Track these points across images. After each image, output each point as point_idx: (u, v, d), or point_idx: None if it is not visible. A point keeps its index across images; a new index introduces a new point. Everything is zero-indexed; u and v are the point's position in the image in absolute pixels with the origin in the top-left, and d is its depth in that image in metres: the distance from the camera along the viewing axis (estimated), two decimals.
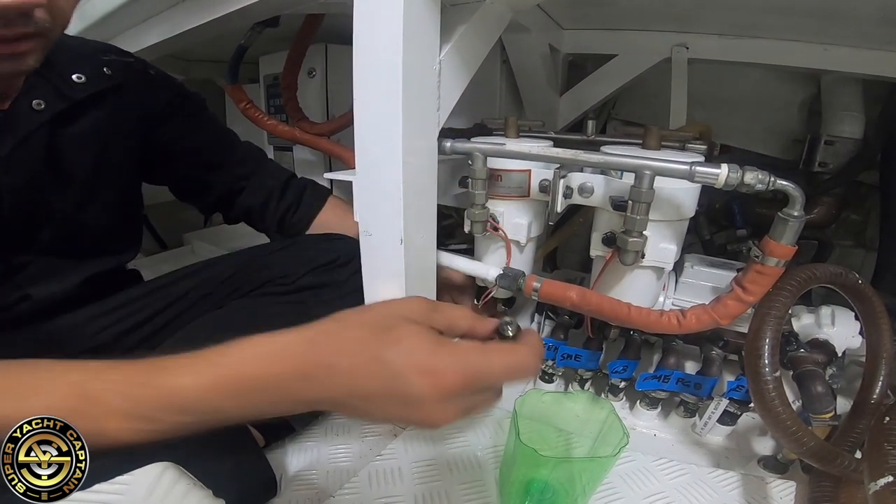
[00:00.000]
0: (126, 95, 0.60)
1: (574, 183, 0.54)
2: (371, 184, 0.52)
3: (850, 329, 0.61)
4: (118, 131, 0.60)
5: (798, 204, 0.42)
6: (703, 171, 0.42)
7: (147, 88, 0.63)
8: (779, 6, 0.68)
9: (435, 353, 0.30)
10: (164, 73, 0.67)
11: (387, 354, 0.30)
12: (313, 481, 0.57)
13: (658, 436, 0.64)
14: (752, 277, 0.47)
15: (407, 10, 0.44)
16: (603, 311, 0.54)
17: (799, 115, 1.01)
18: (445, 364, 0.30)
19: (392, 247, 0.53)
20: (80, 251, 0.60)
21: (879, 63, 0.75)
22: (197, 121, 0.70)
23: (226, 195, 0.73)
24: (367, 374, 0.30)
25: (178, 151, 0.68)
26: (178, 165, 0.69)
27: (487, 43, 0.59)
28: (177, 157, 0.69)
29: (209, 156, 0.70)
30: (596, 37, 0.92)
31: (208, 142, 0.71)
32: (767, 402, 0.45)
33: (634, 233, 0.48)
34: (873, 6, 0.61)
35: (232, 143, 0.73)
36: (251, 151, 0.75)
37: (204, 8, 0.71)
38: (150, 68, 0.65)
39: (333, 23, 0.81)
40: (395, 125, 0.47)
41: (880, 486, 0.36)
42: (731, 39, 0.83)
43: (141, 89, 0.62)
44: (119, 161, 0.62)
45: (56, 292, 0.58)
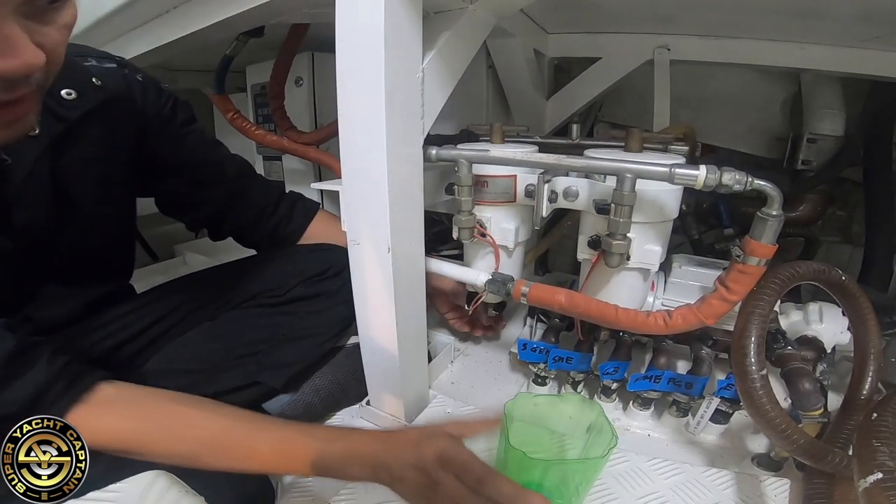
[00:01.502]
0: (118, 106, 0.57)
1: (559, 187, 0.55)
2: (357, 192, 0.53)
3: (838, 325, 0.61)
4: (115, 147, 0.58)
5: (776, 203, 0.43)
6: (682, 172, 0.43)
7: (138, 97, 0.60)
8: (757, 6, 0.69)
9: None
10: (153, 78, 0.63)
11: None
12: (309, 488, 0.56)
13: (652, 436, 0.64)
14: (735, 277, 0.48)
15: (388, 20, 0.44)
16: (591, 313, 0.54)
17: (781, 114, 1.02)
18: None
19: (380, 255, 0.53)
20: (84, 275, 0.59)
21: (856, 61, 0.76)
22: (187, 133, 0.66)
23: (216, 213, 0.70)
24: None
25: (168, 166, 0.65)
26: (168, 181, 0.66)
27: (471, 49, 0.60)
28: (167, 173, 0.66)
29: (200, 172, 0.67)
30: (580, 40, 0.94)
31: (199, 157, 0.67)
32: (755, 401, 0.45)
33: (618, 235, 0.48)
34: (851, 4, 0.62)
35: (222, 159, 0.71)
36: (242, 167, 0.73)
37: (187, 19, 0.71)
38: (138, 73, 0.61)
39: (319, 31, 0.82)
40: (380, 134, 0.48)
41: (870, 482, 0.36)
42: (712, 40, 0.84)
43: (132, 98, 0.59)
44: (119, 180, 0.60)
45: (59, 315, 0.57)
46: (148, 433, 0.43)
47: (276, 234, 0.73)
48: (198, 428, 0.44)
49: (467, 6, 0.55)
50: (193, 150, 0.67)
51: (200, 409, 0.45)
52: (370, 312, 0.59)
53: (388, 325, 0.57)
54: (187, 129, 0.66)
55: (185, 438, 0.43)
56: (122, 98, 0.58)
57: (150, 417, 0.44)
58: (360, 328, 0.61)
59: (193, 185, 0.68)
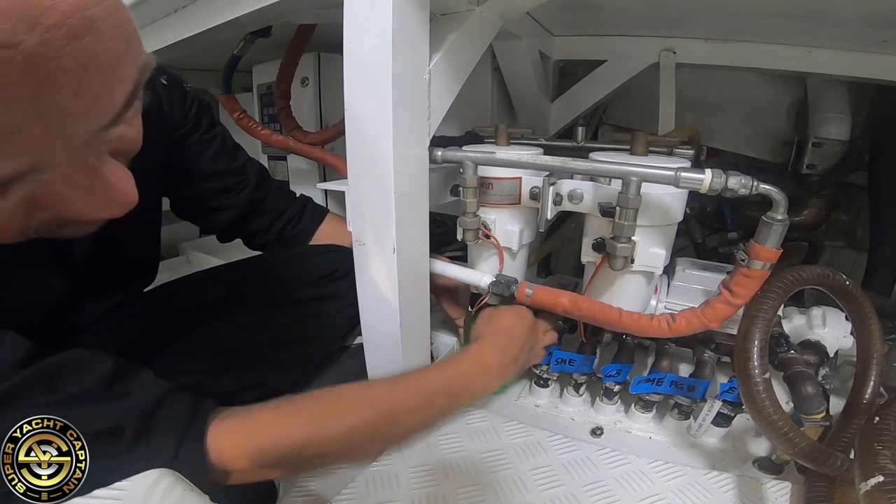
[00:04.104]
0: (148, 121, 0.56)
1: (564, 190, 0.55)
2: (363, 193, 0.53)
3: (841, 329, 0.61)
4: (152, 152, 0.54)
5: (781, 207, 0.43)
6: (687, 176, 0.43)
7: (165, 105, 0.58)
8: (763, 9, 0.69)
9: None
10: (177, 78, 0.61)
11: None
12: (311, 487, 0.57)
13: (653, 438, 0.64)
14: (739, 280, 0.48)
15: (396, 21, 0.44)
16: (594, 316, 0.55)
17: (786, 118, 1.02)
18: None
19: (385, 255, 0.53)
20: (112, 284, 0.59)
21: (863, 65, 0.76)
22: (211, 139, 0.65)
23: (235, 218, 0.69)
24: None
25: (191, 173, 0.64)
26: (190, 187, 0.65)
27: (477, 51, 0.60)
28: (189, 179, 0.64)
29: (223, 180, 0.66)
30: (585, 43, 0.94)
31: (223, 164, 0.66)
32: (758, 404, 0.46)
33: (623, 238, 0.48)
34: (858, 8, 0.62)
35: (244, 165, 0.69)
36: (261, 172, 0.72)
37: (195, 19, 0.71)
38: (162, 74, 0.59)
39: (326, 31, 0.82)
40: (386, 135, 0.48)
41: (871, 485, 0.37)
42: (718, 43, 0.84)
43: (160, 109, 0.57)
44: (154, 186, 0.58)
45: (80, 321, 0.57)
46: (316, 419, 0.42)
47: (285, 236, 0.73)
48: (360, 400, 0.45)
49: (474, 8, 0.56)
50: (217, 158, 0.66)
51: (335, 391, 0.46)
52: (374, 313, 0.59)
53: (392, 325, 0.57)
54: (211, 134, 0.65)
55: (358, 409, 0.44)
56: (151, 112, 0.56)
57: (299, 409, 0.43)
58: (364, 328, 0.61)
59: (215, 192, 0.67)
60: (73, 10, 0.24)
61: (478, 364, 0.53)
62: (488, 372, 0.53)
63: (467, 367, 0.52)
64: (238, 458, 0.39)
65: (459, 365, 0.53)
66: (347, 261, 0.59)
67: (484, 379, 0.53)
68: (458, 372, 0.52)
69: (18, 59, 0.23)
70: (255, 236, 0.73)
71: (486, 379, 0.53)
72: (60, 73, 0.25)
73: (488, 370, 0.53)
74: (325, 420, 0.43)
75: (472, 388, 0.52)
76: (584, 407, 0.68)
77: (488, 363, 0.53)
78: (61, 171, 0.28)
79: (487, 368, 0.53)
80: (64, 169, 0.28)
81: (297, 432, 0.42)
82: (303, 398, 0.45)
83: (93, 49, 0.26)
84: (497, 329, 0.57)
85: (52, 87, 0.25)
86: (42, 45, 0.23)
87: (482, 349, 0.54)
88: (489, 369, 0.53)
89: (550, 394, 0.70)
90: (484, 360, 0.53)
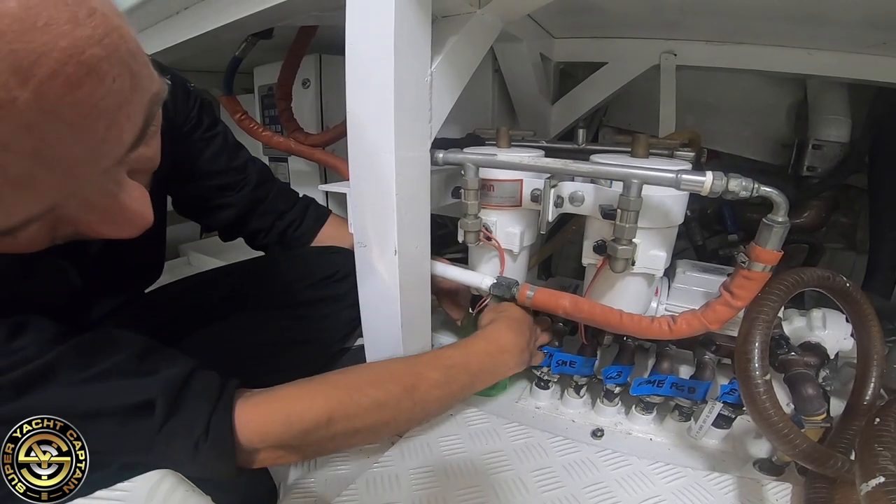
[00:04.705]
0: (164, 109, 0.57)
1: (565, 192, 0.55)
2: (364, 195, 0.53)
3: (841, 331, 0.61)
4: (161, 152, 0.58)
5: (782, 210, 0.43)
6: (688, 178, 0.43)
7: (169, 104, 0.57)
8: (763, 12, 0.69)
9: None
10: (180, 77, 0.61)
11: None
12: (312, 489, 0.57)
13: (654, 440, 0.64)
14: (740, 283, 0.48)
15: (398, 24, 0.44)
16: (595, 318, 0.55)
17: (787, 120, 1.02)
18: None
19: (387, 257, 0.53)
20: (118, 283, 0.59)
21: (863, 67, 0.76)
22: (213, 137, 0.64)
23: (237, 217, 0.69)
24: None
25: (193, 171, 0.63)
26: (191, 185, 0.65)
27: (479, 53, 0.60)
28: (191, 177, 0.64)
29: (224, 178, 0.66)
30: (586, 45, 0.94)
31: (224, 163, 0.66)
32: (758, 405, 0.46)
33: (624, 240, 0.49)
34: (857, 10, 0.62)
35: (246, 164, 0.69)
36: (263, 171, 0.72)
37: (197, 20, 0.72)
38: (166, 73, 0.60)
39: (327, 33, 0.82)
40: (388, 136, 0.48)
41: (872, 486, 0.37)
42: (718, 45, 0.84)
43: (168, 101, 0.58)
44: (163, 185, 0.58)
45: (87, 318, 0.56)
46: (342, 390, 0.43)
47: (287, 237, 0.73)
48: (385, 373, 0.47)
49: (475, 10, 0.56)
50: (218, 156, 0.66)
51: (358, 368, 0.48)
52: (376, 314, 0.59)
53: (393, 327, 0.57)
54: (212, 132, 0.65)
55: (383, 382, 0.45)
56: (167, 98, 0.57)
57: (324, 382, 0.44)
58: (365, 330, 0.61)
59: (215, 190, 0.67)
60: (67, 56, 0.22)
61: (494, 343, 0.55)
62: (505, 350, 0.56)
63: (484, 345, 0.55)
64: (265, 432, 0.40)
65: (477, 344, 0.55)
66: (349, 262, 0.60)
67: (501, 356, 0.55)
68: (477, 349, 0.54)
69: (15, 117, 0.22)
70: (256, 236, 0.73)
71: (503, 356, 0.55)
72: (61, 125, 0.24)
73: (505, 349, 0.55)
74: (352, 391, 0.44)
75: (490, 366, 0.54)
76: (584, 409, 0.68)
77: (504, 342, 0.56)
78: (80, 199, 0.29)
79: (504, 346, 0.55)
80: (83, 198, 0.29)
81: (324, 403, 0.42)
82: (325, 375, 0.46)
83: (93, 95, 0.24)
84: (509, 315, 0.59)
85: (54, 141, 0.24)
86: (37, 99, 0.22)
87: (497, 330, 0.57)
88: (506, 347, 0.56)
89: (551, 395, 0.70)
90: (500, 340, 0.56)
